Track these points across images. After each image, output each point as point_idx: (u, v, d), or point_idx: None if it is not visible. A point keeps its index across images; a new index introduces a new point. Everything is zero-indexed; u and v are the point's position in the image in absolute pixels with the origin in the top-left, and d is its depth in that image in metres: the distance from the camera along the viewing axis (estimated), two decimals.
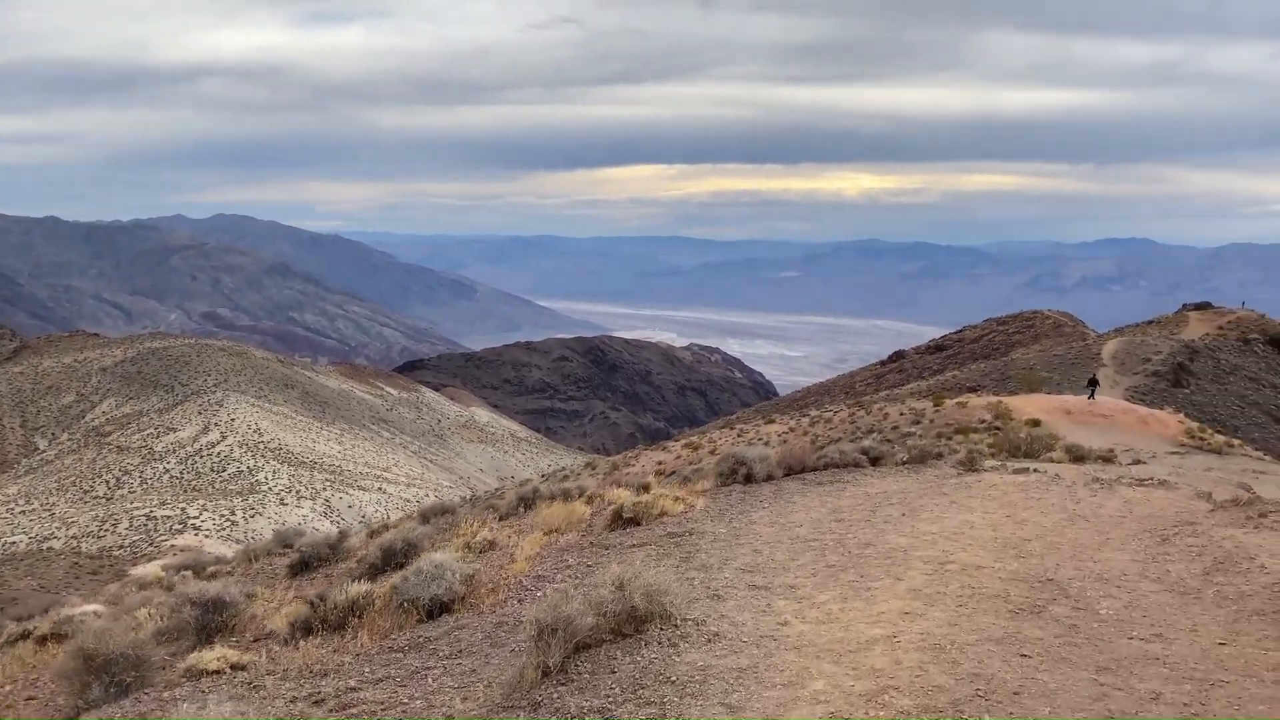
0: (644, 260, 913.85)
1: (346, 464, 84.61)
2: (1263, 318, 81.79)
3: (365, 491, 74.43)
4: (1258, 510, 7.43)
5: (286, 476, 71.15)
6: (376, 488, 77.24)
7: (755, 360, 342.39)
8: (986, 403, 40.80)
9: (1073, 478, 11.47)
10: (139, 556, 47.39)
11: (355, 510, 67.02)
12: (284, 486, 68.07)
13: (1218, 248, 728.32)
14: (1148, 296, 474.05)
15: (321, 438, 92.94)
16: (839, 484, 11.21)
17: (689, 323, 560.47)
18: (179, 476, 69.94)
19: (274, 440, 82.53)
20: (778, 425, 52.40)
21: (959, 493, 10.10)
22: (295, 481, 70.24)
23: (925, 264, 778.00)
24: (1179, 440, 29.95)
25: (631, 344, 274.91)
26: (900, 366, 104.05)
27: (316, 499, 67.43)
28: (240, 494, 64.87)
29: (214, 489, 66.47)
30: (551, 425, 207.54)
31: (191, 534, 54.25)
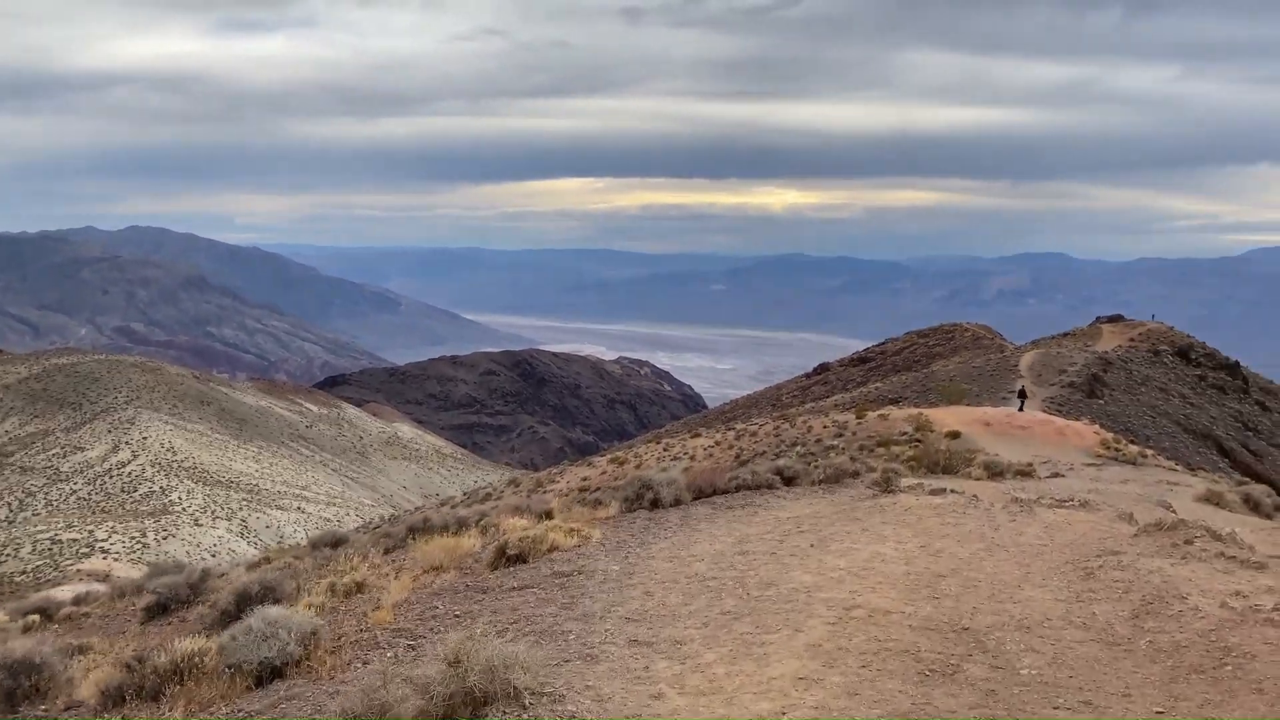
0: (573, 273, 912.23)
1: (264, 483, 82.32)
2: (1171, 330, 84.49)
3: (284, 511, 72.38)
4: (1183, 536, 7.02)
5: (201, 496, 68.89)
6: (295, 507, 75.15)
7: (684, 373, 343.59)
8: (907, 415, 41.02)
9: (991, 498, 11.14)
10: (43, 582, 45.06)
11: (273, 531, 65.23)
12: (199, 507, 65.88)
13: (1128, 262, 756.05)
14: (1062, 310, 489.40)
15: (238, 456, 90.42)
16: (750, 508, 10.62)
17: (618, 336, 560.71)
18: (87, 498, 67.29)
19: (188, 459, 79.98)
20: (704, 439, 52.05)
21: (872, 518, 9.62)
22: (210, 501, 67.99)
23: (849, 278, 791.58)
24: (1095, 451, 30.26)
25: (560, 357, 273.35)
26: (825, 379, 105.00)
27: (233, 519, 65.34)
28: (152, 515, 62.49)
29: (124, 510, 63.99)
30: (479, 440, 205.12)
31: (99, 558, 51.99)
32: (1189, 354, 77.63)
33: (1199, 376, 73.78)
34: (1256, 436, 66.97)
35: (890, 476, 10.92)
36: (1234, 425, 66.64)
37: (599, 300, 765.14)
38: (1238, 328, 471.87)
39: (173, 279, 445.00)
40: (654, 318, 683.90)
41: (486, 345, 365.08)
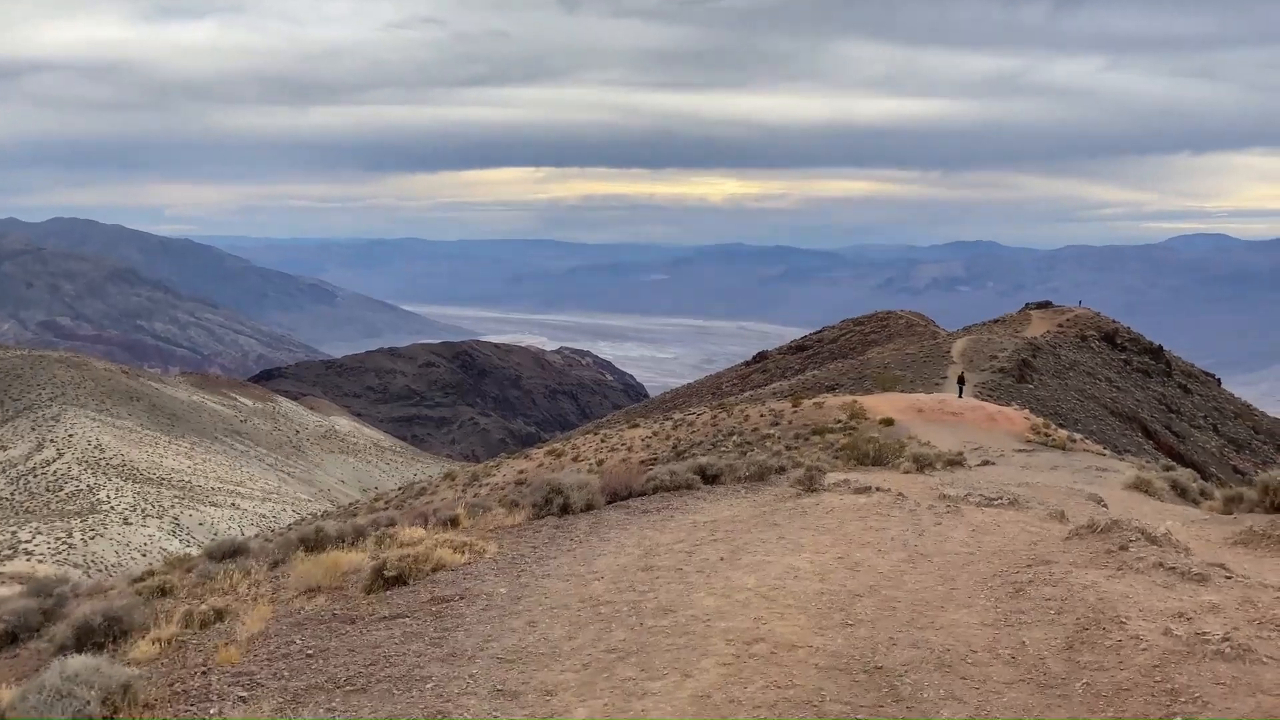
0: (512, 263, 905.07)
1: (197, 479, 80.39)
2: (1098, 315, 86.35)
3: (218, 508, 70.67)
4: (1117, 540, 6.62)
5: (131, 494, 66.97)
6: (230, 503, 73.43)
7: (626, 363, 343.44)
8: (842, 403, 41.07)
9: (919, 495, 10.69)
10: None
11: (207, 528, 63.70)
12: (128, 505, 64.01)
13: (1056, 250, 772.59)
14: (994, 296, 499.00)
15: (170, 452, 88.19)
16: (667, 511, 10.13)
17: (559, 326, 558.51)
18: (10, 498, 65.10)
19: (117, 456, 77.73)
20: (642, 430, 51.61)
21: (792, 522, 9.13)
22: (140, 499, 66.10)
23: (787, 267, 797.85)
24: (1026, 437, 30.42)
25: (501, 348, 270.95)
26: (764, 367, 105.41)
27: (164, 517, 63.69)
28: (79, 514, 60.54)
29: (49, 510, 61.95)
30: (418, 433, 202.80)
31: (23, 559, 50.20)
32: (1115, 339, 79.37)
33: (1124, 361, 75.46)
34: (1179, 418, 68.67)
35: (814, 475, 10.45)
36: (1158, 408, 68.22)
37: (540, 291, 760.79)
38: (1161, 313, 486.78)
39: (100, 272, 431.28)
40: (595, 308, 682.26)
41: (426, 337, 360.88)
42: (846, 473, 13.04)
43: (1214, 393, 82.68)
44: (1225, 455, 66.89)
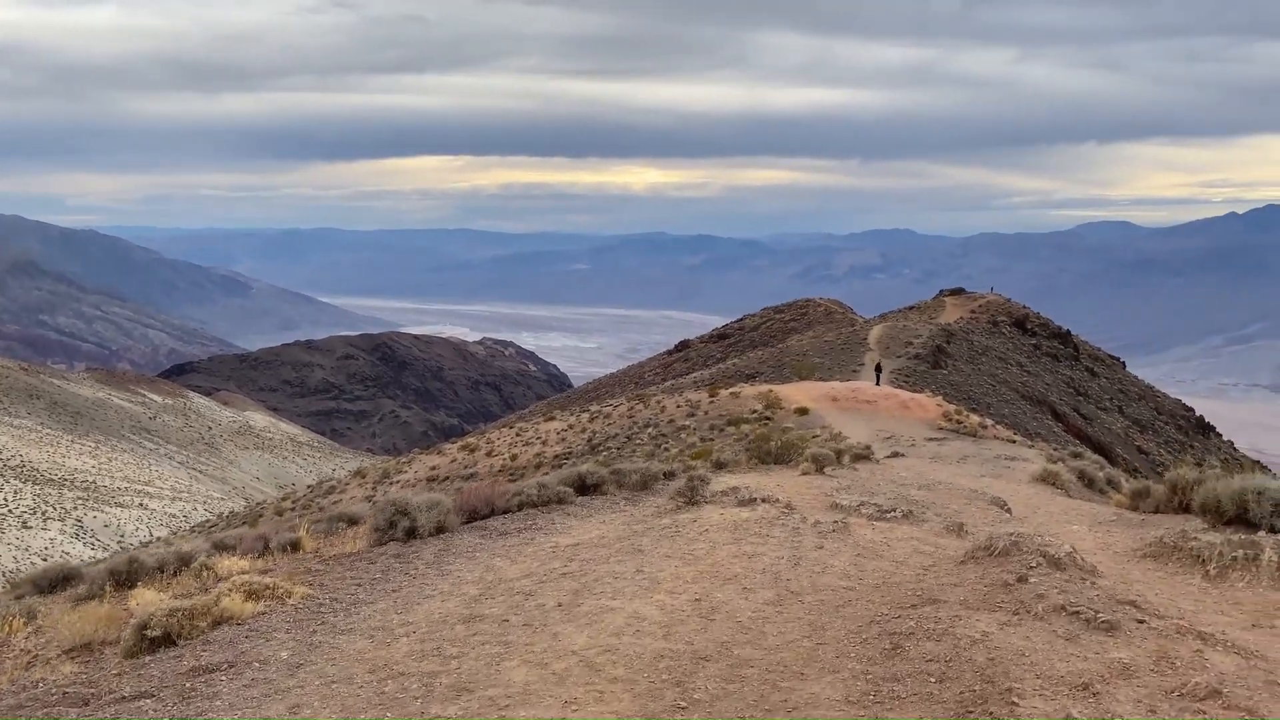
0: (432, 253, 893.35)
1: (102, 479, 77.14)
2: (1008, 301, 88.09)
3: (124, 509, 67.81)
4: (1016, 568, 5.87)
5: (31, 496, 63.83)
6: (137, 504, 70.57)
7: (549, 353, 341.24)
8: (758, 392, 40.78)
9: (810, 505, 10.06)
10: None
11: (113, 530, 61.18)
12: (27, 507, 60.99)
13: (968, 237, 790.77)
14: (909, 284, 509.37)
15: (73, 452, 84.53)
16: (528, 533, 9.21)
17: (481, 317, 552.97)
18: None
19: (15, 456, 74.13)
20: (558, 423, 50.70)
21: (659, 546, 8.29)
22: (41, 501, 63.02)
23: (709, 256, 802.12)
24: (938, 424, 30.37)
25: (421, 340, 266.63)
26: (686, 355, 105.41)
27: (66, 519, 60.89)
28: None
29: None
30: (338, 427, 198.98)
31: None
32: (1025, 324, 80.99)
33: (1034, 345, 77.00)
34: (1086, 401, 70.29)
35: (695, 486, 9.62)
36: (1066, 391, 69.71)
37: (460, 281, 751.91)
38: (1068, 298, 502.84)
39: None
40: (517, 298, 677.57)
41: (344, 329, 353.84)
42: (741, 476, 12.49)
43: (1119, 375, 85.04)
44: (1130, 436, 68.73)
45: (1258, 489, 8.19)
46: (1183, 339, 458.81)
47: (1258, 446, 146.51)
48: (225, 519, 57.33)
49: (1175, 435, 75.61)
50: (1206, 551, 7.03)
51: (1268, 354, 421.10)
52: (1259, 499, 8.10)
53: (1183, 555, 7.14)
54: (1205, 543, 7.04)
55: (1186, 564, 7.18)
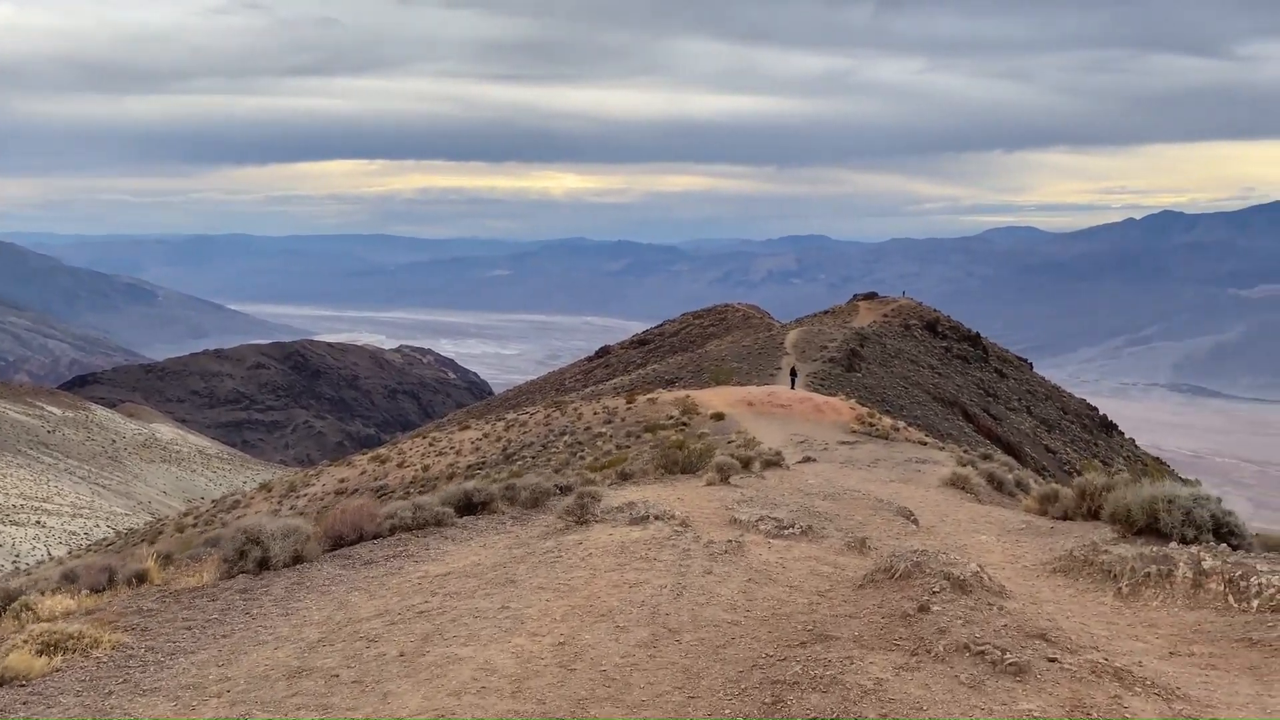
0: (347, 259, 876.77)
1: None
2: (920, 305, 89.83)
3: (20, 527, 64.52)
4: (918, 594, 5.38)
5: None
6: (34, 521, 67.28)
7: (469, 360, 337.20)
8: (675, 398, 40.61)
9: (707, 520, 9.51)
10: None
11: (8, 549, 58.14)
12: None
13: (882, 243, 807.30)
14: (825, 289, 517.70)
15: None
16: (397, 560, 8.46)
17: (398, 324, 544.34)
18: None
19: None
20: (473, 431, 49.77)
21: (535, 575, 7.65)
22: None
23: (629, 261, 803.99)
24: (851, 427, 30.44)
25: (336, 348, 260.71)
26: (607, 362, 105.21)
27: None
28: None
29: None
30: (249, 438, 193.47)
31: None
32: (936, 327, 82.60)
33: (945, 348, 78.55)
34: (996, 401, 71.88)
35: (585, 503, 9.07)
36: (976, 392, 71.19)
37: (376, 287, 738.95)
38: (977, 301, 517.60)
39: None
40: (435, 304, 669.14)
41: (255, 337, 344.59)
42: (644, 489, 12.04)
43: (1026, 376, 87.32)
44: (1038, 435, 70.47)
45: (1168, 497, 7.93)
46: (1086, 340, 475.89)
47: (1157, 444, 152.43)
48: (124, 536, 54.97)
49: (1081, 434, 77.87)
50: (1118, 567, 6.76)
51: (1165, 354, 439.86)
52: (1169, 508, 7.82)
53: (1093, 570, 6.87)
54: (1116, 556, 6.79)
55: (1097, 579, 6.88)
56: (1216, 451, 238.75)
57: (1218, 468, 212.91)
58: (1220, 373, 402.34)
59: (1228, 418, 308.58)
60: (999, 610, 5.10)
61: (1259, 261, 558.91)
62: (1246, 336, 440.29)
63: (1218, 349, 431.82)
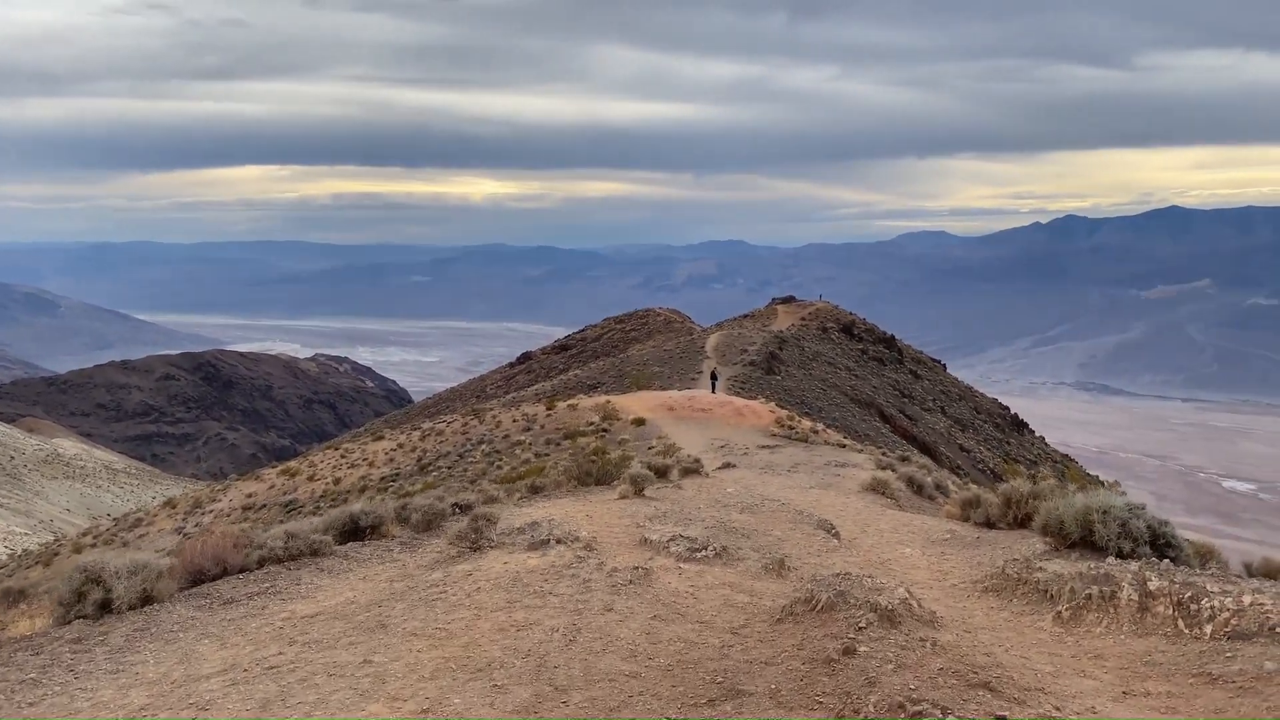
0: (259, 267, 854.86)
1: None
2: (836, 308, 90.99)
3: None
4: (841, 632, 4.76)
5: None
6: None
7: (388, 368, 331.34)
8: (595, 404, 40.04)
9: (613, 545, 8.70)
10: None
11: None
12: None
13: (798, 248, 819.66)
14: (744, 293, 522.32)
15: None
16: (263, 598, 7.55)
17: (313, 332, 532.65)
18: None
19: None
20: (386, 442, 48.39)
21: (413, 616, 6.80)
22: None
23: (550, 267, 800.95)
24: (771, 431, 30.23)
25: (249, 357, 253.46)
26: (529, 367, 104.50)
27: None
28: None
29: None
30: (159, 452, 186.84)
31: None
32: (852, 330, 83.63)
33: (861, 350, 79.55)
34: (911, 402, 72.94)
35: (480, 527, 8.29)
36: (892, 393, 72.14)
37: (290, 295, 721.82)
38: (892, 304, 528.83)
39: None
40: (352, 312, 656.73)
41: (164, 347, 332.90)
42: (553, 503, 11.37)
43: (940, 377, 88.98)
44: (952, 435, 71.67)
45: (1102, 508, 7.45)
46: (996, 341, 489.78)
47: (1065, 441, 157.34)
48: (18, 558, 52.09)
49: (993, 433, 79.54)
50: (1055, 586, 6.30)
51: (1071, 354, 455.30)
52: (1104, 519, 7.35)
53: (1028, 590, 6.47)
54: (1053, 574, 6.41)
55: (1034, 601, 6.39)
56: (1120, 447, 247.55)
57: (1121, 463, 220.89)
58: (1122, 371, 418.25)
59: (1129, 414, 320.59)
60: (933, 647, 4.57)
61: (1157, 264, 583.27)
62: (1146, 336, 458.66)
63: (1120, 348, 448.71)
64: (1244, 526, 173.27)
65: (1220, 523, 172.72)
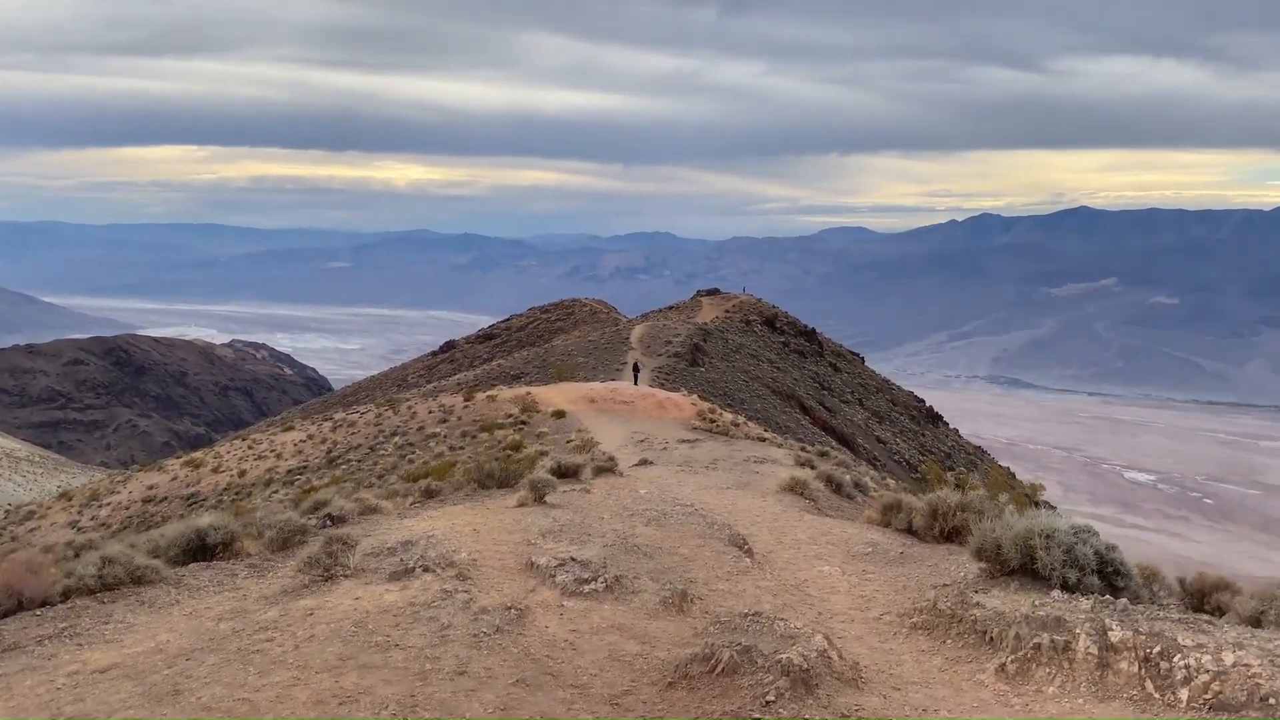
0: (174, 250, 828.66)
1: None
2: (759, 301, 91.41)
3: None
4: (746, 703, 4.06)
5: None
6: None
7: (307, 355, 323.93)
8: (515, 395, 39.22)
9: (493, 571, 7.57)
10: None
11: None
12: None
13: (723, 240, 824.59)
14: (670, 284, 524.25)
15: None
16: (58, 640, 6.28)
17: (230, 317, 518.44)
18: None
19: None
20: (296, 433, 46.70)
21: (218, 680, 5.58)
22: None
23: (476, 255, 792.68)
24: (692, 424, 29.85)
25: (162, 343, 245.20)
26: (452, 356, 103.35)
27: None
28: None
29: None
30: (66, 439, 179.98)
31: None
32: (774, 323, 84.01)
33: (783, 343, 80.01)
34: (830, 394, 73.51)
35: (336, 551, 7.21)
36: (812, 385, 72.64)
37: (207, 279, 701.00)
38: (814, 298, 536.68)
39: None
40: (271, 297, 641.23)
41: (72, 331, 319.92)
42: (443, 511, 10.36)
43: (859, 370, 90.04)
44: (870, 426, 72.41)
45: (1046, 532, 6.63)
46: (912, 336, 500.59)
47: (978, 433, 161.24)
48: None
49: (909, 425, 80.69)
50: (996, 629, 5.51)
51: (984, 349, 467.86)
52: (1048, 545, 6.51)
53: (964, 630, 5.71)
54: (993, 613, 5.65)
55: (970, 644, 5.57)
56: (1029, 439, 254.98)
57: (1030, 454, 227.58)
58: (1033, 365, 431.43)
59: (1039, 407, 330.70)
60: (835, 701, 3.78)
61: (1066, 262, 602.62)
62: (1055, 332, 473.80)
63: (1030, 344, 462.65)
64: (1145, 516, 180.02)
65: (1122, 512, 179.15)
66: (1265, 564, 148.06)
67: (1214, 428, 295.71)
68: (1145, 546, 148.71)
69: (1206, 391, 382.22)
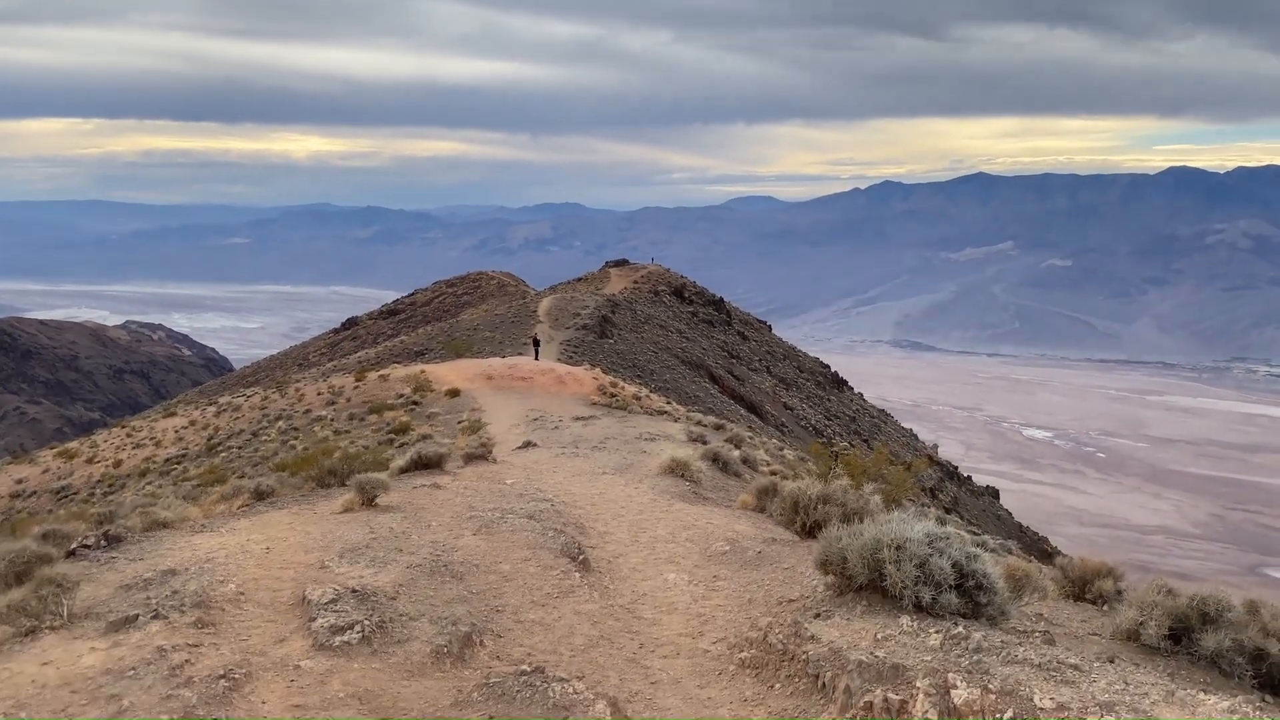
0: (60, 228, 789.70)
1: None
2: (668, 272, 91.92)
3: None
4: None
5: None
6: None
7: (206, 335, 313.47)
8: (408, 374, 38.47)
9: (253, 609, 6.42)
10: None
11: None
12: None
13: (633, 211, 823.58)
14: (580, 256, 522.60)
15: None
16: None
17: (123, 298, 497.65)
18: None
19: None
20: (178, 419, 45.11)
21: None
22: None
23: (379, 228, 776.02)
24: (592, 399, 29.87)
25: (50, 325, 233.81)
26: (355, 333, 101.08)
27: None
28: None
29: None
30: None
31: None
32: (683, 293, 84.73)
33: (692, 313, 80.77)
34: (739, 363, 74.69)
35: (46, 597, 6.07)
36: (721, 354, 73.64)
37: (97, 258, 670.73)
38: (722, 267, 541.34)
39: None
40: (166, 275, 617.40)
41: None
42: (243, 522, 9.24)
43: (766, 338, 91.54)
44: (777, 393, 73.86)
45: (896, 543, 5.99)
46: (818, 302, 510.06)
47: (883, 396, 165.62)
48: None
49: (815, 391, 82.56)
50: (828, 673, 4.96)
51: (888, 314, 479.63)
52: (898, 559, 5.90)
53: (795, 671, 5.20)
54: (826, 650, 5.10)
55: (802, 691, 5.04)
56: (932, 400, 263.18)
57: (933, 414, 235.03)
58: (934, 329, 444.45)
59: (941, 369, 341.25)
60: None
61: (965, 227, 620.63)
62: (955, 296, 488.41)
63: (932, 308, 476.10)
64: (1042, 471, 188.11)
65: (1021, 468, 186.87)
66: (1153, 513, 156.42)
67: (1105, 384, 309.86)
68: (1043, 500, 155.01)
69: (1098, 350, 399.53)
